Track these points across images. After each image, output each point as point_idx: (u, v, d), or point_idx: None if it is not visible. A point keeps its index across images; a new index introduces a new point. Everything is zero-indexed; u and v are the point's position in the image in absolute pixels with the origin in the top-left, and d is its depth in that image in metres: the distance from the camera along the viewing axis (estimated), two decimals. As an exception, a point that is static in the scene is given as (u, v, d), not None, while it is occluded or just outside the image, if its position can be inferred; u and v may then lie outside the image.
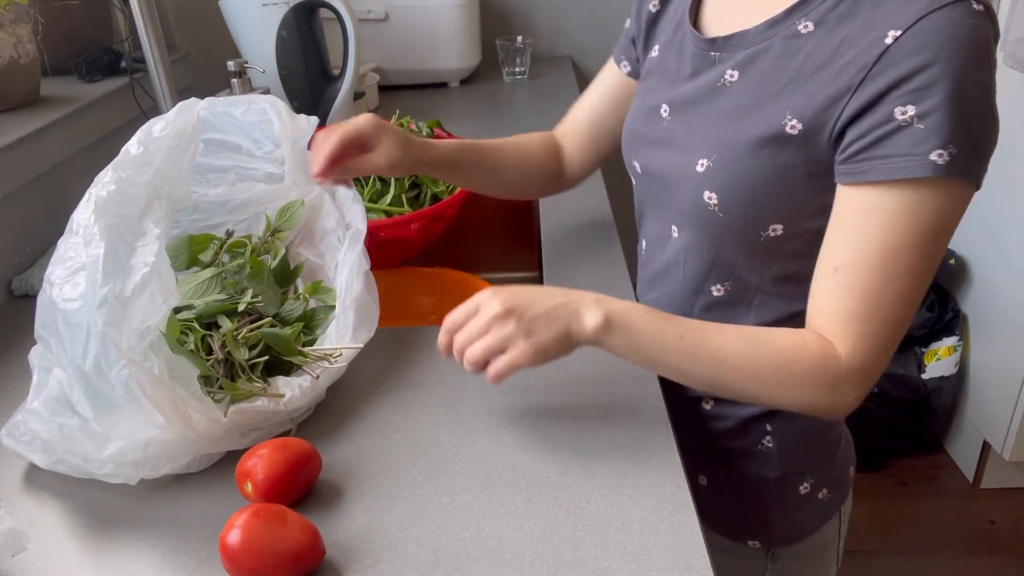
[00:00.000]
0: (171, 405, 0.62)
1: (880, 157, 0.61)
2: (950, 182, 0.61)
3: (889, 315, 0.64)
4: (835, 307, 0.65)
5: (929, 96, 0.59)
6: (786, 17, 0.68)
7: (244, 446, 0.68)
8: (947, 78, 0.58)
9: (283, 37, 1.39)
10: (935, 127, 0.59)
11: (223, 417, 0.65)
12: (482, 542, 0.60)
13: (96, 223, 0.66)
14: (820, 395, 0.66)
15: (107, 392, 0.61)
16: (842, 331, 0.65)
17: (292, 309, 0.80)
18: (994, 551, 1.85)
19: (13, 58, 1.13)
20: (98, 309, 0.61)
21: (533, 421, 0.73)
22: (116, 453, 0.63)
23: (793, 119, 0.65)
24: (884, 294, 0.63)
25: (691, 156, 0.72)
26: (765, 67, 0.69)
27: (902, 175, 0.60)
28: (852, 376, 0.65)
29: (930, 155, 0.59)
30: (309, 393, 0.72)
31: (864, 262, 0.63)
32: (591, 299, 0.66)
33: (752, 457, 0.83)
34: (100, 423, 0.62)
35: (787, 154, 0.66)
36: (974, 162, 0.61)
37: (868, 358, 0.65)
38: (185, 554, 0.60)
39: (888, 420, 1.98)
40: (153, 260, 0.66)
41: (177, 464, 0.66)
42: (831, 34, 0.64)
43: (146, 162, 0.72)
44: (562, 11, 2.01)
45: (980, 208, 1.90)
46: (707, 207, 0.71)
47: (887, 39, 0.60)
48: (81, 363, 0.62)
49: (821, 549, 0.90)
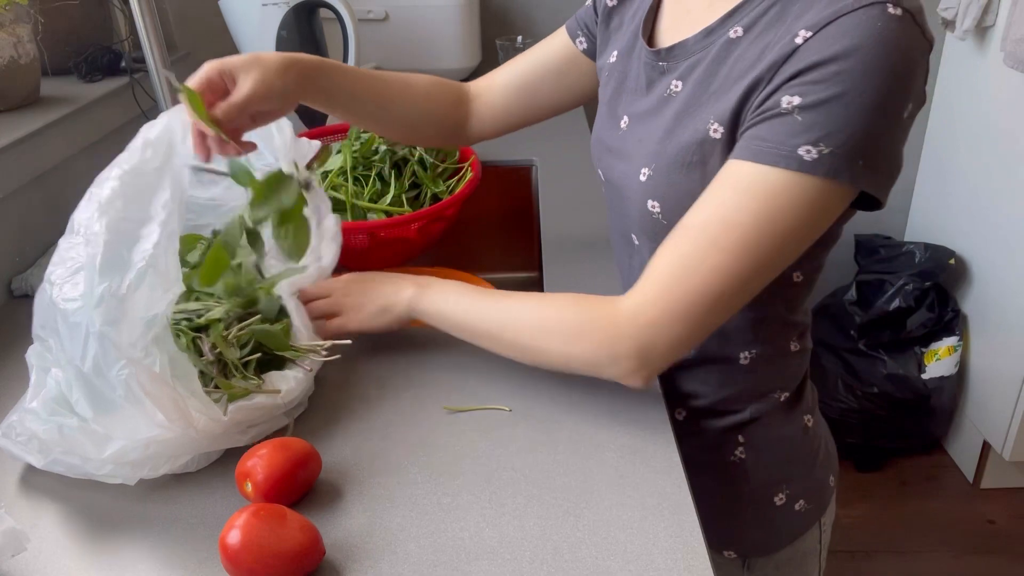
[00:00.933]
0: (172, 403, 0.62)
1: (755, 138, 0.61)
2: (815, 180, 0.59)
3: (697, 284, 0.62)
4: (656, 262, 0.65)
5: (817, 91, 0.58)
6: (720, 25, 0.68)
7: (244, 443, 0.69)
8: (840, 77, 0.57)
9: (283, 37, 1.39)
10: (811, 123, 0.58)
11: (223, 415, 0.65)
12: (482, 542, 0.60)
13: (98, 221, 0.66)
14: (595, 346, 0.66)
15: (107, 392, 0.61)
16: (647, 284, 0.65)
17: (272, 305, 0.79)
18: (994, 551, 1.85)
19: (13, 58, 1.13)
20: (95, 308, 0.61)
21: (533, 421, 0.73)
22: (117, 453, 0.63)
23: (715, 123, 0.66)
24: (701, 262, 0.62)
25: (636, 165, 0.73)
26: (699, 75, 0.69)
27: (767, 161, 0.60)
28: (631, 330, 0.64)
29: (798, 149, 0.59)
30: (304, 384, 0.73)
31: (699, 227, 0.63)
32: (417, 279, 0.79)
33: (725, 468, 0.82)
34: (100, 423, 0.62)
35: (715, 159, 0.66)
36: (850, 166, 0.59)
37: (654, 316, 0.64)
38: (185, 554, 0.60)
39: (888, 420, 1.98)
40: (151, 251, 0.65)
41: (176, 463, 0.66)
42: (758, 39, 0.65)
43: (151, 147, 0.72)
44: (562, 11, 2.01)
45: (980, 208, 1.91)
46: (652, 215, 0.72)
47: (798, 39, 0.60)
48: (80, 364, 0.62)
49: (800, 560, 0.88)
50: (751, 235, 0.61)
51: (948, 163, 2.04)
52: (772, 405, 0.81)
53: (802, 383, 0.84)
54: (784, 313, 0.77)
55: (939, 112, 2.05)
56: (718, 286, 0.62)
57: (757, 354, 0.78)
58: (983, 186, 1.89)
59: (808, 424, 0.84)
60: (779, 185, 0.60)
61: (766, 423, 0.81)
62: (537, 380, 0.78)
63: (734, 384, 0.79)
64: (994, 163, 1.84)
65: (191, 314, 0.75)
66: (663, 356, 0.66)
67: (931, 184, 2.13)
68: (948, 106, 2.02)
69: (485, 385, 0.78)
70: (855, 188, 0.61)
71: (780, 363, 0.80)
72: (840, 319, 2.02)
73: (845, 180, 0.59)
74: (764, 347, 0.78)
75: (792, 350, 0.81)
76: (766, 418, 0.81)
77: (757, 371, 0.79)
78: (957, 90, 1.97)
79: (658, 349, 0.65)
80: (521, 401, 0.75)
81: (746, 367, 0.78)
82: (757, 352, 0.78)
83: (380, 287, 0.80)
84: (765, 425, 0.81)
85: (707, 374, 0.80)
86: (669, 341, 0.65)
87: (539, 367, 0.73)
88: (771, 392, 0.81)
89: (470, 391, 0.77)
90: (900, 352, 1.97)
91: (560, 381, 0.78)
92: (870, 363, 1.96)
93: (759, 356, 0.78)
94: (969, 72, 1.91)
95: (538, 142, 1.42)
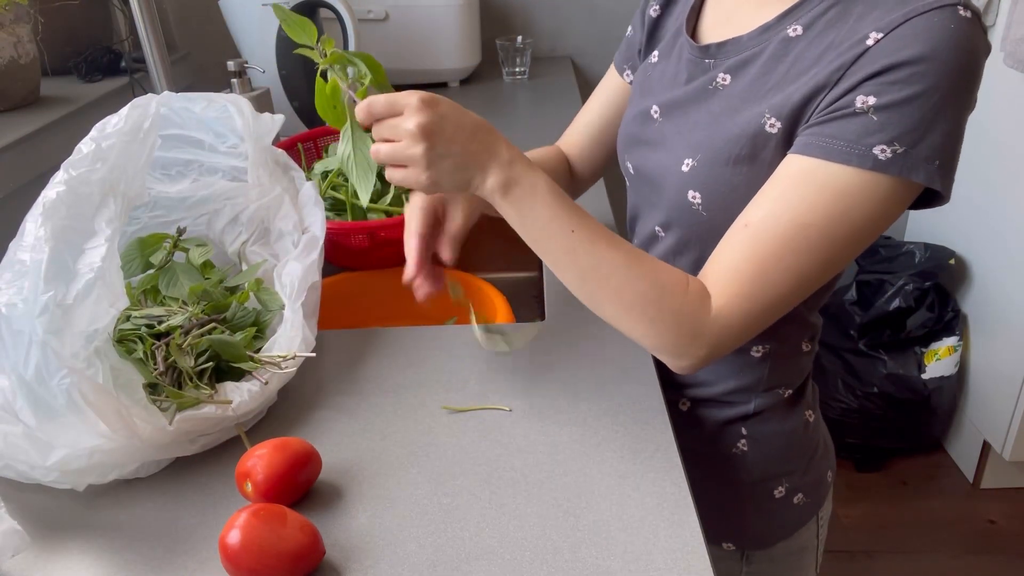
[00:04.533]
0: (115, 414, 0.61)
1: (828, 136, 0.62)
2: (887, 179, 0.60)
3: (772, 285, 0.64)
4: (728, 261, 0.65)
5: (892, 91, 0.59)
6: (778, 22, 0.69)
7: (193, 452, 0.68)
8: (916, 78, 0.58)
9: (283, 37, 1.39)
10: (886, 122, 0.59)
11: (168, 425, 0.64)
12: (482, 542, 0.60)
13: (43, 226, 0.65)
14: (676, 339, 0.65)
15: (49, 400, 0.60)
16: (724, 285, 0.65)
17: (244, 315, 0.79)
18: (994, 551, 1.85)
19: (13, 58, 1.13)
20: (39, 317, 0.60)
21: (533, 421, 0.73)
22: (61, 461, 0.62)
23: (772, 117, 0.66)
24: (776, 263, 0.63)
25: (677, 156, 0.73)
26: (755, 71, 0.69)
27: (840, 159, 0.61)
28: (712, 332, 0.65)
29: (873, 148, 0.60)
30: (259, 398, 0.70)
31: (771, 227, 0.63)
32: (504, 158, 0.66)
33: (726, 460, 0.83)
34: (43, 431, 0.61)
35: (767, 152, 0.67)
36: (924, 165, 0.60)
37: (733, 319, 0.65)
38: (185, 554, 0.60)
39: (888, 420, 1.98)
40: (100, 264, 0.64)
41: (124, 471, 0.66)
42: (819, 38, 0.65)
43: (100, 158, 0.71)
44: (562, 11, 2.01)
45: (980, 208, 1.91)
46: (691, 207, 0.72)
47: (868, 41, 0.61)
48: (23, 371, 0.60)
49: (799, 554, 0.89)
50: (822, 236, 0.62)
51: (948, 163, 2.04)
52: (776, 400, 0.82)
53: (806, 380, 0.86)
54: (804, 313, 0.79)
55: (939, 112, 2.05)
56: (791, 286, 0.64)
57: (771, 350, 0.79)
58: (983, 186, 1.89)
59: (809, 419, 0.86)
60: (852, 184, 0.61)
61: (769, 417, 0.82)
62: (537, 380, 0.78)
63: (743, 376, 0.80)
64: (994, 163, 1.84)
65: (153, 320, 0.74)
66: (727, 352, 0.68)
67: (931, 184, 2.13)
68: (948, 106, 2.01)
69: (485, 385, 0.78)
70: (931, 183, 0.61)
71: (791, 361, 0.82)
72: (840, 319, 2.02)
73: (920, 179, 0.60)
74: (779, 344, 0.79)
75: (804, 350, 0.82)
76: (769, 412, 0.82)
77: (768, 366, 0.80)
78: (957, 90, 1.97)
79: (725, 348, 0.67)
80: (521, 401, 0.75)
81: (757, 360, 0.79)
82: (771, 348, 0.79)
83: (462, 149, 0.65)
84: (768, 419, 0.82)
85: (718, 364, 0.80)
86: (738, 339, 0.67)
87: (595, 312, 0.70)
88: (777, 387, 0.82)
89: (470, 391, 0.77)
90: (900, 352, 1.97)
91: (560, 381, 0.78)
92: (870, 363, 1.96)
93: (772, 352, 0.79)
94: (969, 72, 1.91)
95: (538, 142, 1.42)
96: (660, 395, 0.75)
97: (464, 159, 0.65)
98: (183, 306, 0.77)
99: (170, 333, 0.73)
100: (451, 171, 0.65)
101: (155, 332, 0.73)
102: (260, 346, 0.76)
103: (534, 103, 1.72)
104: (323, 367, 0.82)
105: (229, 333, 0.75)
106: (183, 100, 0.83)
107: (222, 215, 0.86)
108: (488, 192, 0.66)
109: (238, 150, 0.87)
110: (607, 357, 0.81)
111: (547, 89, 1.79)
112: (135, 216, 0.84)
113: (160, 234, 0.83)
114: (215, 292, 0.80)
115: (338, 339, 0.87)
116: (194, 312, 0.76)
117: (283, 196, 0.86)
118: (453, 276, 1.05)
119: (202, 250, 0.82)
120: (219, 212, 0.86)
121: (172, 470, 0.69)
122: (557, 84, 1.82)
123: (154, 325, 0.73)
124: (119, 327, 0.72)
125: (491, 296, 0.99)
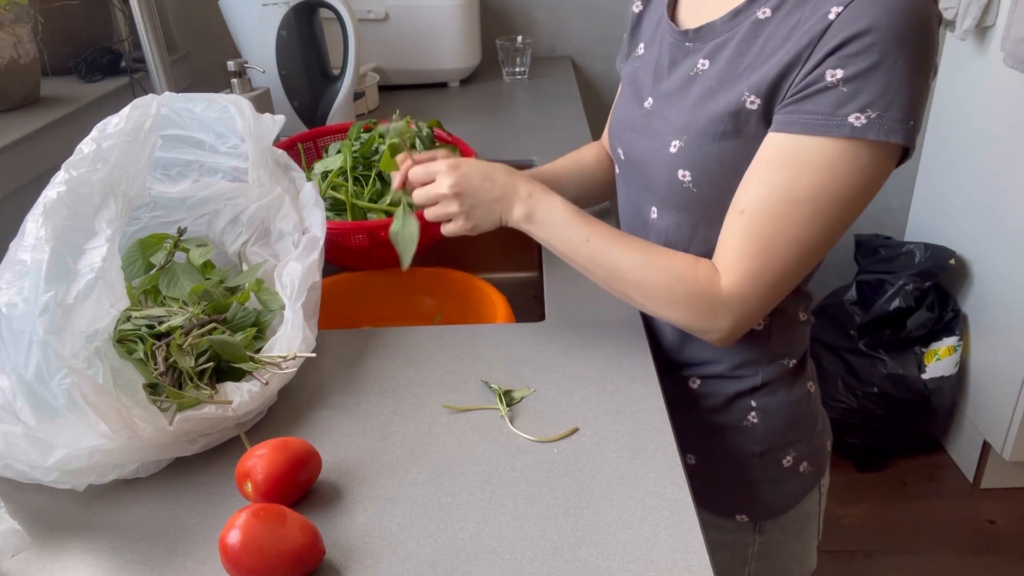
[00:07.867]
0: (115, 414, 0.61)
1: (805, 112, 0.66)
2: (867, 145, 0.65)
3: (778, 259, 0.70)
4: (733, 244, 0.71)
5: (857, 62, 0.63)
6: (748, 6, 0.73)
7: (193, 452, 0.68)
8: (876, 47, 0.63)
9: (283, 37, 1.39)
10: (857, 91, 0.64)
11: (168, 425, 0.64)
12: (482, 542, 0.60)
13: (43, 227, 0.65)
14: (697, 316, 0.73)
15: (49, 400, 0.60)
16: (733, 266, 0.71)
17: (245, 315, 0.79)
18: (994, 551, 1.85)
19: (13, 58, 1.13)
20: (39, 317, 0.60)
21: (533, 421, 0.73)
22: (60, 461, 0.62)
23: (751, 94, 0.70)
24: (777, 240, 0.69)
25: (664, 140, 0.77)
26: (728, 53, 0.74)
27: (819, 132, 0.65)
28: (730, 305, 0.72)
29: (848, 117, 0.64)
30: (259, 398, 0.71)
31: (764, 209, 0.69)
32: (524, 193, 0.79)
33: (738, 432, 0.87)
34: (43, 431, 0.61)
35: (750, 127, 0.71)
36: (900, 126, 0.64)
37: (748, 292, 0.71)
38: (185, 554, 0.60)
39: (888, 420, 1.98)
40: (100, 264, 0.64)
41: (124, 471, 0.66)
42: (787, 18, 0.69)
43: (100, 159, 0.71)
44: (562, 11, 2.01)
45: (980, 208, 1.91)
46: (682, 184, 0.76)
47: (830, 15, 0.65)
48: (23, 371, 0.60)
49: (804, 520, 0.94)
50: (817, 207, 0.67)
51: (948, 163, 2.04)
52: (781, 371, 0.86)
53: (806, 352, 0.90)
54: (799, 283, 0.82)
55: (939, 112, 2.05)
56: (797, 256, 0.70)
57: (771, 321, 0.83)
58: (983, 186, 1.89)
59: (811, 390, 0.91)
60: (834, 154, 0.66)
61: (776, 388, 0.86)
62: (538, 380, 0.78)
63: (748, 350, 0.84)
64: (994, 163, 1.84)
65: (153, 320, 0.74)
66: (752, 322, 0.75)
67: (931, 184, 2.13)
68: (948, 106, 2.01)
69: (485, 385, 0.78)
70: (904, 141, 0.65)
71: (790, 331, 0.86)
72: (840, 319, 2.02)
73: (899, 140, 0.65)
74: (778, 315, 0.83)
75: (801, 319, 0.87)
76: (776, 383, 0.86)
77: (771, 337, 0.84)
78: (957, 90, 1.97)
79: (749, 319, 0.73)
80: (521, 401, 0.75)
81: (760, 332, 0.84)
82: (771, 319, 0.83)
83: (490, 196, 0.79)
84: (775, 390, 0.86)
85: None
86: (759, 311, 0.73)
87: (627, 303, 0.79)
88: (781, 358, 0.86)
89: (470, 391, 0.77)
90: (900, 352, 1.97)
91: (560, 381, 0.78)
92: (870, 363, 1.96)
93: (772, 323, 0.83)
94: (969, 72, 1.91)
95: (538, 142, 1.43)
96: (660, 395, 0.75)
97: (492, 204, 0.79)
98: (183, 306, 0.77)
99: (170, 333, 0.73)
100: (485, 215, 0.80)
101: (155, 332, 0.73)
102: (260, 346, 0.76)
103: (534, 103, 1.72)
104: (323, 367, 0.82)
105: (229, 333, 0.75)
106: (184, 100, 0.83)
107: (222, 215, 0.86)
108: (515, 223, 0.80)
109: (238, 150, 0.87)
110: (607, 357, 0.81)
111: (547, 89, 1.79)
112: (136, 216, 0.84)
113: (161, 234, 0.83)
114: (215, 292, 0.80)
115: (338, 339, 0.87)
116: (194, 312, 0.76)
117: (283, 196, 0.86)
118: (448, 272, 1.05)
119: (203, 250, 0.82)
120: (219, 212, 0.86)
121: (172, 470, 0.69)
122: (557, 84, 1.82)
123: (154, 325, 0.73)
124: (119, 327, 0.72)
125: (491, 296, 0.99)
